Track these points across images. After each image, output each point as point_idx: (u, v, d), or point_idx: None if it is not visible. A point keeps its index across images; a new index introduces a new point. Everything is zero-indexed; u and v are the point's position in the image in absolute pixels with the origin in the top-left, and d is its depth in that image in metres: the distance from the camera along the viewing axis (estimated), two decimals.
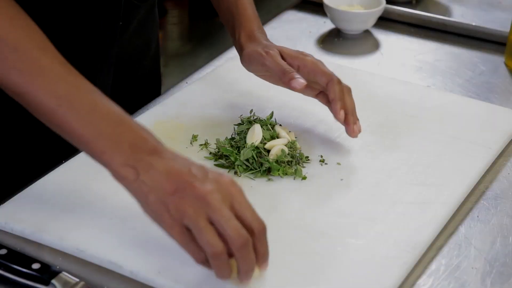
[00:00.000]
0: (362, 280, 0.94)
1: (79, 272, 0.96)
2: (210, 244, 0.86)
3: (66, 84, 0.92)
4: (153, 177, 0.89)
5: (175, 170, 0.89)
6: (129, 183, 0.91)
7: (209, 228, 0.86)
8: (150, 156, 0.90)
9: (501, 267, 0.99)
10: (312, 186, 1.10)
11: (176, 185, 0.88)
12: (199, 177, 0.88)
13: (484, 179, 1.15)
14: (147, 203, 0.90)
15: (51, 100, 0.91)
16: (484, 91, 1.42)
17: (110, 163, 0.91)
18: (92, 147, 0.92)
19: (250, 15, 1.23)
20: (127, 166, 0.90)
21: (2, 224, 1.01)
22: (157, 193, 0.89)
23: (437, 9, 1.70)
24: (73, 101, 0.91)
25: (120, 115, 0.92)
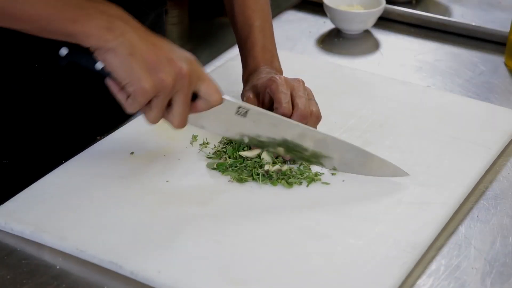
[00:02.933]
0: (362, 280, 0.94)
1: (79, 272, 0.96)
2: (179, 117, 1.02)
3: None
4: (133, 41, 0.97)
5: (153, 42, 0.99)
6: (106, 43, 0.96)
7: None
8: (121, 21, 0.97)
9: (501, 267, 0.99)
10: (313, 186, 1.10)
11: (157, 57, 0.97)
12: (176, 55, 0.99)
13: (484, 179, 1.15)
14: (124, 63, 0.97)
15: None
16: (484, 91, 1.42)
17: (83, 30, 0.96)
18: (61, 20, 0.96)
19: (257, 52, 1.23)
20: (103, 28, 0.96)
21: (2, 224, 1.01)
22: (138, 58, 0.97)
23: (437, 9, 1.70)
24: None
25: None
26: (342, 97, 1.31)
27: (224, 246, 0.98)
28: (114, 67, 0.98)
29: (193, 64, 1.01)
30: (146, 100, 0.99)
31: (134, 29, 0.98)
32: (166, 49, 1.00)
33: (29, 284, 0.94)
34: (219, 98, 1.05)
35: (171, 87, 0.99)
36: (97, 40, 0.96)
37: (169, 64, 0.98)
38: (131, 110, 1.01)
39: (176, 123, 1.03)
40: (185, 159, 1.14)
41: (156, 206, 1.04)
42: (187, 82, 1.00)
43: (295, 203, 1.06)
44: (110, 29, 0.96)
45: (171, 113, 1.02)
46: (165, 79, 0.98)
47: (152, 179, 1.09)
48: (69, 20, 0.96)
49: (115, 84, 1.01)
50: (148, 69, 0.97)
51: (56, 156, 1.16)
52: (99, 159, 1.13)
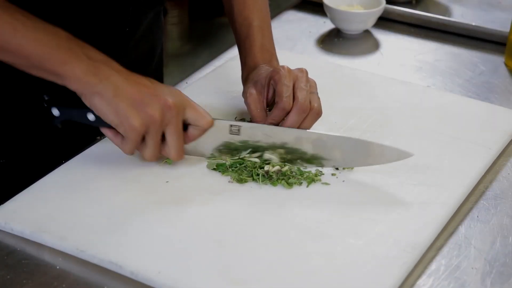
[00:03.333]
0: (362, 280, 0.94)
1: (79, 272, 0.96)
2: (176, 150, 1.07)
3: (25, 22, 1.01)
4: (117, 83, 1.02)
5: (136, 81, 1.03)
6: (92, 88, 1.01)
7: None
8: (105, 65, 1.02)
9: (501, 267, 0.99)
10: (313, 186, 1.10)
11: (141, 94, 1.02)
12: (160, 90, 1.04)
13: (484, 179, 1.15)
14: (111, 105, 1.01)
15: (9, 32, 1.00)
16: (484, 91, 1.42)
17: (72, 72, 1.01)
18: (53, 59, 1.00)
19: (256, 52, 1.24)
20: (89, 73, 1.01)
21: (2, 224, 1.01)
22: (123, 97, 1.01)
23: (437, 9, 1.70)
24: (28, 26, 1.00)
25: (68, 35, 1.02)
26: (342, 97, 1.31)
27: (224, 246, 0.98)
28: (101, 110, 1.03)
29: (177, 96, 1.06)
30: (138, 137, 1.04)
31: (117, 72, 1.03)
32: (150, 86, 1.04)
33: (29, 284, 0.94)
34: (209, 121, 1.09)
35: (159, 120, 1.03)
36: (84, 84, 1.01)
37: (155, 99, 1.03)
38: (128, 151, 1.07)
39: (173, 155, 1.08)
40: (185, 159, 1.13)
41: (156, 206, 1.04)
42: (174, 112, 1.04)
43: (295, 203, 1.06)
44: (95, 74, 1.01)
45: (167, 146, 1.07)
46: (153, 114, 1.02)
47: (152, 179, 1.09)
48: (60, 61, 1.01)
49: (109, 130, 1.06)
50: (134, 107, 1.02)
51: (56, 156, 1.16)
52: (99, 159, 1.13)
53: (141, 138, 1.05)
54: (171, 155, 1.07)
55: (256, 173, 1.10)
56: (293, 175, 1.10)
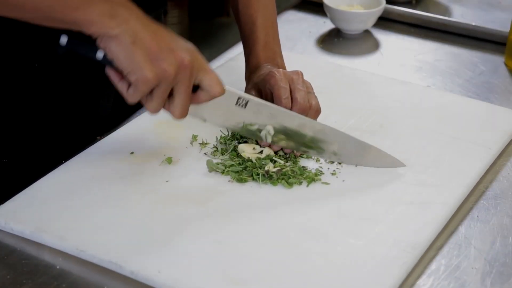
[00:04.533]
0: (362, 280, 0.94)
1: (79, 272, 0.96)
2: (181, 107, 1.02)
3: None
4: (136, 30, 0.96)
5: (156, 31, 0.98)
6: (109, 30, 0.95)
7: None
8: (124, 9, 0.96)
9: (501, 267, 0.99)
10: (313, 186, 1.10)
11: (159, 46, 0.97)
12: (178, 45, 0.99)
13: (484, 179, 1.15)
14: (127, 52, 0.96)
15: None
16: (484, 91, 1.42)
17: (86, 17, 0.95)
18: (64, 6, 0.95)
19: (259, 50, 1.24)
20: (106, 15, 0.95)
21: (2, 224, 1.01)
22: (141, 46, 0.96)
23: (437, 9, 1.70)
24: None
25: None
26: (342, 97, 1.31)
27: (224, 246, 0.98)
28: (116, 55, 0.97)
29: (195, 55, 1.01)
30: (148, 89, 0.99)
31: (137, 17, 0.97)
32: (169, 39, 1.00)
33: (29, 284, 0.94)
34: (221, 90, 1.05)
35: (173, 77, 0.98)
36: (100, 27, 0.96)
37: (172, 54, 0.98)
38: (132, 99, 1.01)
39: (177, 114, 1.03)
40: (185, 159, 1.14)
41: (156, 206, 1.04)
42: (189, 73, 1.00)
43: (295, 203, 1.06)
44: (113, 16, 0.95)
45: (172, 103, 1.02)
46: (167, 69, 0.98)
47: (152, 179, 1.09)
48: (71, 7, 0.95)
49: (116, 74, 1.01)
50: (150, 58, 0.97)
51: (56, 156, 1.16)
52: (99, 159, 1.13)
53: (150, 91, 1.01)
54: (175, 113, 1.03)
55: (256, 173, 1.10)
56: (293, 175, 1.10)
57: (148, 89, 0.99)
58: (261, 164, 1.11)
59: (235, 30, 1.32)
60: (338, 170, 1.13)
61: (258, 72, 1.20)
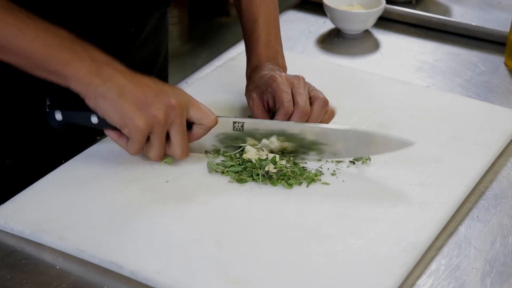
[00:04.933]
0: (362, 280, 0.94)
1: (79, 272, 0.96)
2: (181, 147, 1.08)
3: (28, 23, 1.02)
4: (121, 84, 1.02)
5: (140, 81, 1.03)
6: (95, 89, 1.01)
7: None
8: (109, 66, 1.02)
9: (501, 267, 0.99)
10: (313, 186, 1.10)
11: (145, 95, 1.02)
12: (163, 90, 1.04)
13: (484, 179, 1.15)
14: (115, 106, 1.02)
15: (12, 33, 1.00)
16: (484, 91, 1.42)
17: (75, 73, 1.01)
18: (56, 60, 1.01)
19: (260, 48, 1.24)
20: (92, 74, 1.01)
21: (2, 224, 1.01)
22: (127, 98, 1.02)
23: (437, 9, 1.70)
24: (31, 27, 1.01)
25: (71, 35, 1.03)
26: (342, 97, 1.31)
27: (224, 246, 0.98)
28: (105, 111, 1.03)
29: (180, 95, 1.06)
30: (143, 137, 1.04)
31: (120, 73, 1.03)
32: (153, 86, 1.05)
33: (29, 284, 0.94)
34: (214, 119, 1.10)
35: (164, 120, 1.04)
36: (87, 85, 1.02)
37: (158, 99, 1.03)
38: (133, 152, 1.07)
39: (179, 154, 1.08)
40: (185, 159, 1.13)
41: (156, 206, 1.04)
42: (178, 112, 1.05)
43: (295, 203, 1.06)
44: (98, 75, 1.01)
45: (172, 145, 1.08)
46: (157, 114, 1.03)
47: (152, 179, 1.09)
48: (63, 62, 1.01)
49: (114, 132, 1.07)
50: (138, 108, 1.02)
51: (56, 156, 1.16)
52: (99, 159, 1.13)
53: (146, 138, 1.06)
54: (176, 154, 1.08)
55: (256, 173, 1.10)
56: (293, 175, 1.10)
57: (143, 137, 1.04)
58: (261, 165, 1.11)
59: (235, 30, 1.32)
60: (338, 170, 1.13)
61: (259, 71, 1.20)
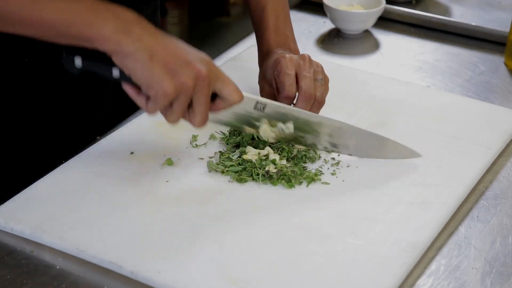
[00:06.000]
0: (362, 280, 0.94)
1: (79, 272, 0.96)
2: (201, 117, 1.03)
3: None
4: (151, 45, 0.97)
5: (170, 45, 0.99)
6: (124, 47, 0.96)
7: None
8: (138, 25, 0.98)
9: (501, 267, 0.99)
10: (313, 186, 1.10)
11: (176, 60, 0.98)
12: (193, 57, 1.00)
13: (484, 179, 1.15)
14: (145, 68, 0.97)
15: (27, 4, 0.96)
16: (484, 91, 1.42)
17: (101, 33, 0.96)
18: (78, 24, 0.96)
19: (269, 35, 1.24)
20: (120, 32, 0.96)
21: (2, 224, 1.01)
22: (158, 61, 0.97)
23: (437, 9, 1.70)
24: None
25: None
26: (342, 97, 1.31)
27: (224, 246, 0.98)
28: (134, 71, 0.99)
29: (211, 66, 1.02)
30: (168, 102, 1.00)
31: (151, 33, 0.99)
32: (184, 52, 1.01)
33: (29, 284, 0.94)
34: (240, 97, 1.06)
35: (191, 89, 1.00)
36: (115, 44, 0.97)
37: (188, 67, 0.99)
38: (152, 112, 1.03)
39: (197, 123, 1.04)
40: (185, 159, 1.14)
41: (156, 206, 1.04)
42: (206, 83, 1.01)
43: (295, 203, 1.06)
44: (127, 33, 0.97)
45: (192, 113, 1.04)
46: (186, 82, 0.99)
47: (152, 179, 1.09)
48: (86, 24, 0.96)
49: (133, 88, 1.02)
50: (168, 72, 0.98)
51: (56, 156, 1.16)
52: (99, 159, 1.13)
53: (169, 103, 1.03)
54: (196, 122, 1.05)
55: (256, 173, 1.10)
56: (293, 175, 1.10)
57: (168, 102, 1.00)
58: (261, 165, 1.11)
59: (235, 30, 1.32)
60: (338, 170, 1.13)
61: (270, 58, 1.20)
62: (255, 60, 1.29)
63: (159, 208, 1.04)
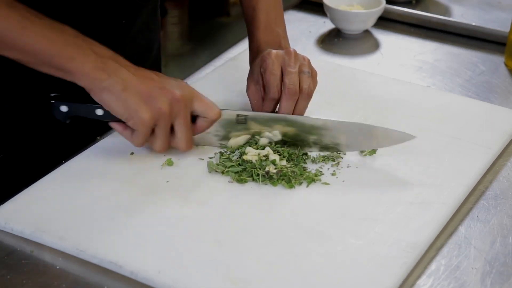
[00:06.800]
0: (362, 280, 0.94)
1: (79, 272, 0.96)
2: (185, 141, 1.09)
3: (34, 21, 1.02)
4: (125, 78, 1.03)
5: (144, 75, 1.05)
6: (100, 83, 1.02)
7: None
8: (113, 61, 1.03)
9: (501, 267, 0.99)
10: (313, 186, 1.10)
11: (149, 88, 1.03)
12: (167, 83, 1.05)
13: (484, 179, 1.15)
14: (120, 99, 1.03)
15: (17, 30, 1.00)
16: (484, 91, 1.42)
17: (80, 68, 1.02)
18: (61, 56, 1.01)
19: (259, 33, 1.24)
20: (97, 69, 1.02)
21: (2, 224, 1.01)
22: (132, 92, 1.03)
23: (437, 9, 1.70)
24: (35, 24, 1.01)
25: (75, 31, 1.03)
26: (342, 97, 1.31)
27: (224, 246, 0.98)
28: (110, 104, 1.04)
29: (184, 88, 1.07)
30: (147, 129, 1.05)
31: (125, 67, 1.04)
32: (157, 80, 1.06)
33: (29, 284, 0.94)
34: (218, 112, 1.11)
35: (168, 113, 1.05)
36: (92, 79, 1.02)
37: (163, 92, 1.04)
38: (138, 144, 1.08)
39: (183, 146, 1.09)
40: (185, 159, 1.14)
41: (156, 206, 1.04)
42: (182, 105, 1.06)
43: (295, 203, 1.06)
44: (103, 69, 1.02)
45: (176, 138, 1.08)
46: (162, 107, 1.04)
47: (152, 180, 1.09)
48: (68, 58, 1.02)
49: (119, 125, 1.08)
50: (143, 101, 1.03)
51: (56, 156, 1.16)
52: (99, 159, 1.13)
53: (151, 131, 1.06)
54: (181, 146, 1.09)
55: (256, 173, 1.10)
56: (293, 175, 1.10)
57: (148, 129, 1.05)
58: (261, 165, 1.11)
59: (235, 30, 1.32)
60: (338, 170, 1.13)
61: (258, 56, 1.20)
62: None
63: (159, 208, 1.04)
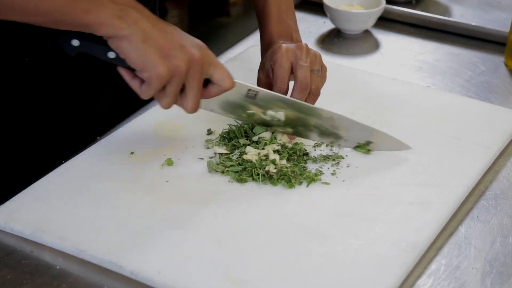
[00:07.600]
0: (362, 280, 0.94)
1: (79, 272, 0.96)
2: (193, 103, 1.04)
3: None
4: (146, 29, 0.98)
5: (165, 29, 1.01)
6: (119, 31, 0.98)
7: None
8: (134, 10, 0.99)
9: (501, 267, 0.99)
10: (313, 186, 1.10)
11: (170, 44, 1.00)
12: (188, 42, 1.02)
13: (484, 179, 1.15)
14: (139, 50, 0.98)
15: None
16: (484, 91, 1.42)
17: (97, 19, 0.97)
18: (74, 12, 0.97)
19: (271, 25, 1.24)
20: (115, 17, 0.97)
21: (2, 224, 1.01)
22: (152, 44, 0.98)
23: (437, 9, 1.70)
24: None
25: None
26: (342, 97, 1.31)
27: (224, 246, 0.98)
28: (128, 54, 1.00)
29: (204, 51, 1.04)
30: (161, 85, 1.01)
31: (146, 17, 1.00)
32: (178, 36, 1.02)
33: (29, 284, 0.94)
34: (232, 83, 1.07)
35: (184, 72, 1.01)
36: (111, 28, 0.98)
37: (182, 51, 1.01)
38: (146, 96, 1.04)
39: (189, 108, 1.05)
40: (185, 159, 1.14)
41: (156, 206, 1.04)
42: (199, 67, 1.02)
43: (295, 203, 1.06)
44: (122, 18, 0.98)
45: (184, 98, 1.05)
46: (179, 65, 1.00)
47: (152, 179, 1.09)
48: (82, 11, 0.97)
49: (128, 72, 1.03)
50: (162, 55, 1.00)
51: (56, 156, 1.16)
52: (99, 159, 1.13)
53: (162, 87, 1.03)
54: (187, 108, 1.06)
55: (256, 173, 1.10)
56: (293, 175, 1.10)
57: (161, 85, 1.01)
58: (261, 165, 1.11)
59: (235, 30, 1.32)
60: (338, 170, 1.13)
61: (270, 49, 1.21)
62: (255, 60, 1.29)
63: (159, 208, 1.04)
